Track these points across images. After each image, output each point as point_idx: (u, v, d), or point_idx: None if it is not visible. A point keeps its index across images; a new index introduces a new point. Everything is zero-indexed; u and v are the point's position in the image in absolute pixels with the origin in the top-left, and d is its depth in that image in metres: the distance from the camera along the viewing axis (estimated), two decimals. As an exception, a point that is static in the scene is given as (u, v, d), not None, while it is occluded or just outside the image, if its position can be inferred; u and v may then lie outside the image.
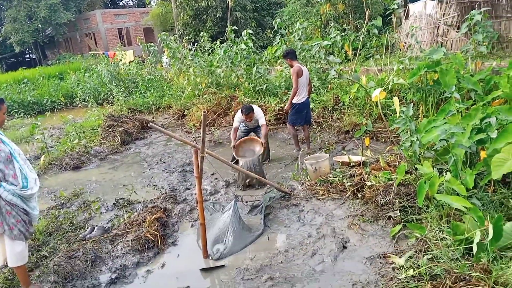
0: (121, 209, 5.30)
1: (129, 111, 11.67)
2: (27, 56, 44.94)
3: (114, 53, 18.10)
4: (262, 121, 6.23)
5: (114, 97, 13.17)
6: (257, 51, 10.45)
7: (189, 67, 11.43)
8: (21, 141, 10.04)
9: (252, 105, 6.33)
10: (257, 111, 6.27)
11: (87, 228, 4.74)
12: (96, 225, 4.74)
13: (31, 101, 15.10)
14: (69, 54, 34.77)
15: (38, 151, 8.59)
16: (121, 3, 50.68)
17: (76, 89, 15.97)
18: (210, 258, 3.98)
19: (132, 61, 18.06)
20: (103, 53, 22.33)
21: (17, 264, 3.44)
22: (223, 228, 4.31)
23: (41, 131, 7.91)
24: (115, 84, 14.19)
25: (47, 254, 4.19)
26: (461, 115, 4.16)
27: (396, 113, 4.33)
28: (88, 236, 4.51)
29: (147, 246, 4.21)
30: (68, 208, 5.53)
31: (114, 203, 5.50)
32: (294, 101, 6.41)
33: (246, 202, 5.04)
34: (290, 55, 6.41)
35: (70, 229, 4.81)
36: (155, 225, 4.47)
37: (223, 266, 3.82)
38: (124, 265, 3.96)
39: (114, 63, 15.16)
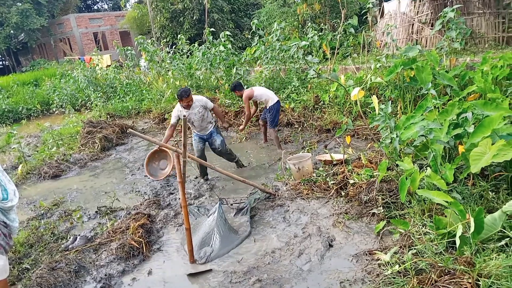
0: (104, 217, 5.21)
1: (108, 116, 11.48)
2: (0, 63, 43.77)
3: (90, 58, 17.78)
4: (210, 104, 5.76)
5: (92, 103, 12.93)
6: (236, 53, 10.44)
7: (168, 70, 11.35)
8: (-4, 151, 9.76)
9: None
10: (199, 97, 5.75)
11: (69, 238, 4.64)
12: (79, 235, 4.64)
13: (6, 110, 14.71)
14: (43, 60, 34.02)
15: (15, 161, 8.36)
16: (95, 7, 49.89)
17: (52, 95, 15.62)
18: (197, 262, 3.96)
19: (109, 65, 17.78)
20: (79, 58, 21.92)
21: None
22: (209, 232, 4.29)
23: (17, 140, 7.69)
24: (92, 89, 13.94)
25: (29, 267, 4.09)
26: (438, 111, 4.25)
27: (375, 110, 4.39)
28: (70, 246, 4.41)
29: (132, 253, 4.15)
30: (49, 218, 5.40)
31: (96, 211, 5.41)
32: (272, 104, 6.65)
33: (231, 204, 5.02)
34: (238, 87, 6.78)
35: (52, 239, 4.70)
36: (139, 232, 4.41)
37: (210, 270, 3.80)
38: (109, 274, 3.89)
39: (90, 68, 14.90)
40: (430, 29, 10.67)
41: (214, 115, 6.12)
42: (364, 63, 8.88)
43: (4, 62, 42.09)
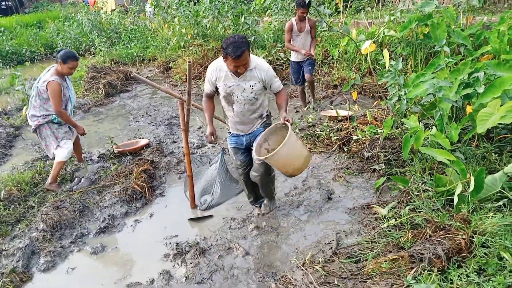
0: (108, 161, 5.27)
1: (112, 62, 11.31)
2: (3, 3, 42.58)
3: (95, 1, 17.25)
4: (277, 83, 3.21)
5: (96, 48, 12.71)
6: (245, 1, 10.07)
7: (174, 17, 10.99)
8: (1, 93, 9.73)
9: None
10: (262, 62, 3.16)
11: (74, 179, 4.73)
12: (83, 177, 4.73)
13: (10, 51, 14.46)
14: (47, 2, 32.98)
15: (19, 103, 8.34)
16: None
17: (55, 39, 15.28)
18: (198, 208, 4.05)
19: (114, 10, 17.27)
20: (83, 1, 21.25)
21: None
22: (210, 180, 4.35)
23: (21, 82, 7.64)
24: (96, 34, 13.63)
25: (34, 205, 4.20)
26: (450, 70, 4.14)
27: (385, 67, 4.29)
28: (75, 187, 4.51)
29: (134, 197, 4.25)
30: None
31: (100, 156, 5.46)
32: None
33: (233, 155, 5.04)
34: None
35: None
36: (142, 177, 4.49)
37: (210, 216, 3.89)
38: (112, 215, 4.00)
39: (94, 11, 14.49)
40: (449, -15, 10.18)
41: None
42: (377, 18, 8.57)
43: (7, 2, 40.93)
